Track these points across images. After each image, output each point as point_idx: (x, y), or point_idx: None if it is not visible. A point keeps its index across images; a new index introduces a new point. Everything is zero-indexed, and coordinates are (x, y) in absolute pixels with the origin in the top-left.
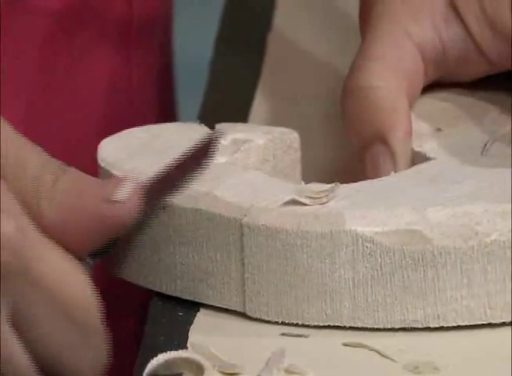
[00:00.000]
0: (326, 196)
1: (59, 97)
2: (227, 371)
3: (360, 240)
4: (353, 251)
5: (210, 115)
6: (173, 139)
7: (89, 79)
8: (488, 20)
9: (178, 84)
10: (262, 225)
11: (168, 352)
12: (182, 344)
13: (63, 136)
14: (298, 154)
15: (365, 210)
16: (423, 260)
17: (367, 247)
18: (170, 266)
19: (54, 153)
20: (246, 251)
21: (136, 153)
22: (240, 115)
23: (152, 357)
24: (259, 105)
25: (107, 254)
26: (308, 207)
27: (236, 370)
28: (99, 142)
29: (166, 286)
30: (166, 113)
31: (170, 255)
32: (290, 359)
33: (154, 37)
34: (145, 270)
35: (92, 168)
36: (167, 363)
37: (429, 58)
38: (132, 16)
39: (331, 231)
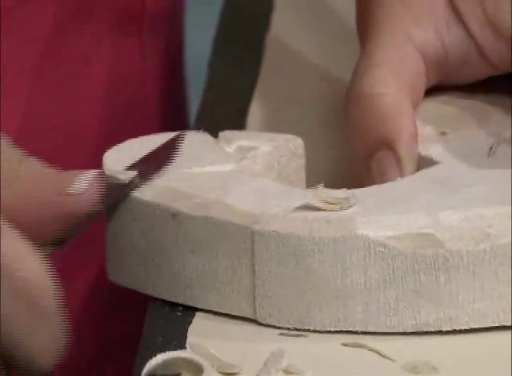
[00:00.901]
0: (341, 204)
1: (70, 87)
2: (226, 371)
3: (372, 244)
4: (365, 255)
5: (208, 116)
6: None
7: (100, 69)
8: (489, 23)
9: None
10: (273, 231)
11: (167, 352)
12: (180, 344)
13: (71, 130)
14: (303, 161)
15: (376, 214)
16: (435, 264)
17: (379, 251)
18: (179, 275)
19: (59, 147)
20: (258, 258)
21: None
22: (238, 116)
23: (150, 357)
24: (257, 106)
25: (68, 243)
26: (319, 212)
27: (235, 370)
28: (111, 134)
29: (175, 295)
30: (178, 106)
31: (179, 264)
32: (288, 359)
33: (167, 27)
34: (153, 279)
35: (97, 163)
36: (166, 363)
37: (431, 61)
38: (145, 4)
39: (343, 236)
